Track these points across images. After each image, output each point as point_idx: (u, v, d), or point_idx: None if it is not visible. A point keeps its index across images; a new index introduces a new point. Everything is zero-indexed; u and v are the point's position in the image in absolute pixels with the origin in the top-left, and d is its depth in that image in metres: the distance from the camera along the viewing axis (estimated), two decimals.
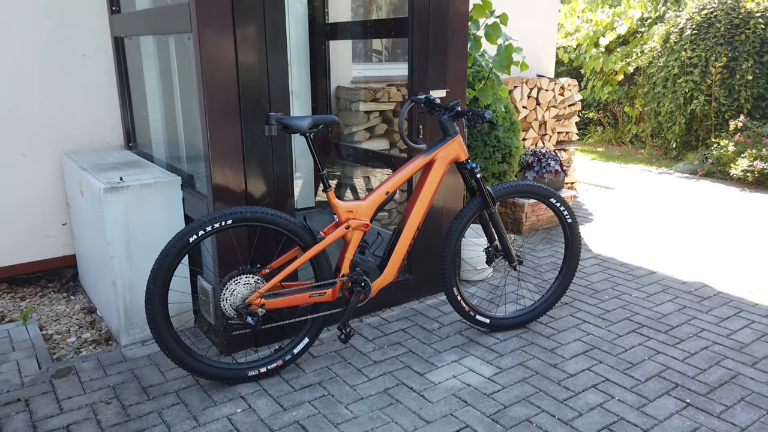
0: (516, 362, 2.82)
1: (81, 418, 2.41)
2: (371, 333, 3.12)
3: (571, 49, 9.46)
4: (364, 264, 2.73)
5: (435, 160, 2.78)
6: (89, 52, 3.68)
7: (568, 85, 5.80)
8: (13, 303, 3.58)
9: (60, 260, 3.84)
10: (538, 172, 4.73)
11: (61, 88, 3.62)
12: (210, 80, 2.56)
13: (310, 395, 2.57)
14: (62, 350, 3.04)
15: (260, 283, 2.56)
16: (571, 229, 3.11)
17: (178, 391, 2.60)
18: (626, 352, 2.92)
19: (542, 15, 5.75)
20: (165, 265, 2.41)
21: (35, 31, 3.48)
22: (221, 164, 2.66)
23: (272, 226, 2.54)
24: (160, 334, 2.46)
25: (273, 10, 2.64)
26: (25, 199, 3.64)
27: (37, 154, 3.62)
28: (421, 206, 2.79)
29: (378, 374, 2.73)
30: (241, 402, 2.52)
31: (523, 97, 5.37)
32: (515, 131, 4.06)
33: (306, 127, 2.51)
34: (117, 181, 2.92)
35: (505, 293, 3.61)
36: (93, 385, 2.66)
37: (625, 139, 9.27)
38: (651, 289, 3.67)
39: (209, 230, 2.44)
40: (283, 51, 2.71)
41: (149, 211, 2.95)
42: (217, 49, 2.54)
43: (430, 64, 3.19)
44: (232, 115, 2.64)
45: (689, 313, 3.33)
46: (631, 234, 4.76)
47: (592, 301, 3.50)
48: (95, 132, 3.79)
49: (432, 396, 2.56)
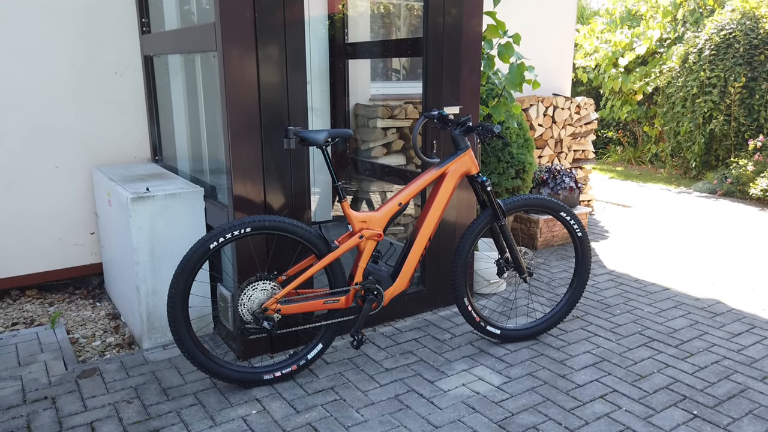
0: (525, 372, 2.88)
1: (104, 416, 2.52)
2: (384, 342, 3.19)
3: (590, 69, 9.53)
4: (376, 273, 2.82)
5: (447, 173, 2.87)
6: (120, 70, 3.86)
7: (584, 104, 5.87)
8: (42, 308, 3.73)
9: (87, 268, 3.99)
10: (553, 189, 4.79)
11: (92, 103, 3.80)
12: (233, 96, 2.70)
13: (323, 399, 2.65)
14: (87, 353, 3.17)
15: (276, 289, 2.66)
16: (582, 243, 3.16)
17: (197, 393, 2.70)
18: (636, 364, 2.95)
19: (559, 35, 5.85)
20: (187, 270, 2.52)
21: (70, 50, 3.68)
22: (242, 176, 2.79)
23: (289, 234, 2.65)
24: (181, 337, 2.57)
25: (294, 31, 2.78)
26: (56, 208, 3.81)
27: (68, 166, 3.80)
28: (433, 218, 2.88)
29: (389, 381, 2.80)
30: (256, 404, 2.61)
31: (539, 115, 5.46)
32: (529, 148, 4.14)
33: (322, 140, 2.63)
34: (144, 191, 3.06)
35: (517, 306, 3.66)
36: (116, 385, 2.77)
37: (644, 159, 9.27)
38: (663, 304, 3.69)
39: (229, 237, 2.56)
40: (302, 69, 2.84)
41: (173, 219, 3.08)
42: (240, 67, 2.68)
43: (444, 81, 3.30)
44: (253, 129, 2.77)
45: (701, 329, 3.35)
46: (646, 251, 4.78)
47: (604, 315, 3.53)
48: (124, 146, 3.96)
49: (441, 402, 2.62)
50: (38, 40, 3.59)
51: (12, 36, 3.52)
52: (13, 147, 3.62)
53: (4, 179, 3.64)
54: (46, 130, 3.70)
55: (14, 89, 3.57)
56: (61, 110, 3.73)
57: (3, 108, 3.56)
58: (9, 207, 3.67)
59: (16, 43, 3.54)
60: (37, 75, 3.62)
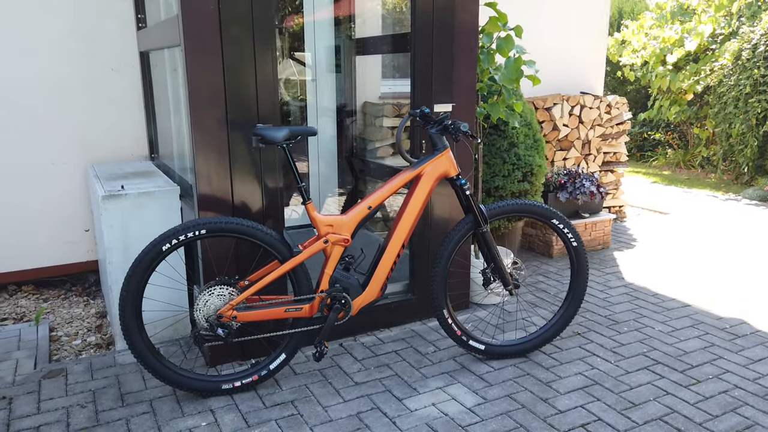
0: (504, 393, 2.63)
1: (53, 420, 2.45)
2: (362, 353, 3.01)
3: (637, 67, 9.02)
4: (344, 280, 2.64)
5: (422, 175, 2.66)
6: (117, 66, 3.83)
7: (615, 103, 5.49)
8: (35, 304, 3.74)
9: (83, 265, 3.99)
10: (572, 194, 4.47)
11: (89, 101, 3.79)
12: (196, 91, 2.58)
13: (279, 413, 2.49)
14: (65, 352, 3.13)
15: (235, 295, 2.53)
16: (577, 253, 2.89)
17: (153, 400, 2.60)
18: (631, 390, 2.66)
19: (590, 31, 5.49)
20: (138, 274, 2.42)
21: (66, 47, 3.67)
22: (207, 174, 2.67)
23: (248, 237, 2.51)
24: (133, 341, 2.47)
25: (262, 23, 2.64)
26: (52, 205, 3.82)
27: (64, 163, 3.79)
28: (406, 223, 2.67)
29: (355, 396, 2.62)
30: (208, 415, 2.48)
31: (563, 114, 5.13)
32: (538, 149, 3.86)
33: (281, 139, 2.48)
34: (117, 189, 2.99)
35: (517, 319, 3.40)
36: (76, 388, 2.71)
37: (694, 163, 8.69)
38: (679, 323, 3.35)
39: (183, 239, 2.44)
40: (271, 63, 2.69)
41: (147, 219, 3.00)
42: (203, 62, 2.56)
43: (434, 77, 3.09)
44: (219, 127, 2.65)
45: (715, 352, 3.00)
46: (673, 263, 4.40)
47: (608, 332, 3.23)
48: (120, 143, 3.94)
49: (403, 423, 2.42)
50: (35, 36, 3.60)
51: (9, 32, 3.53)
52: (9, 143, 3.64)
53: (7, 173, 3.66)
54: (42, 127, 3.71)
55: (10, 85, 3.59)
56: (58, 107, 3.72)
57: (6, 107, 3.58)
58: (6, 203, 3.70)
59: (12, 39, 3.55)
60: (33, 72, 3.63)
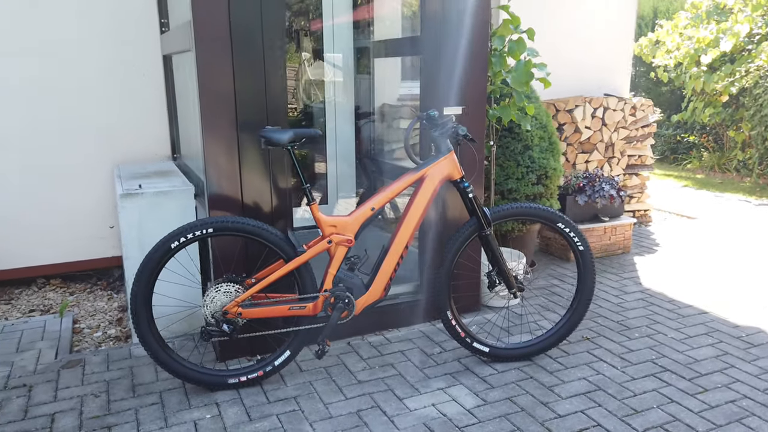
0: (504, 396, 2.64)
1: (68, 408, 2.57)
2: (368, 352, 3.06)
3: (670, 68, 8.82)
4: (347, 280, 2.69)
5: (425, 178, 2.69)
6: (143, 70, 3.97)
7: (641, 105, 5.41)
8: (62, 297, 3.91)
9: (108, 260, 4.14)
10: (590, 197, 4.43)
11: (118, 103, 3.94)
12: (207, 95, 2.66)
13: (281, 409, 2.56)
14: (86, 343, 3.26)
15: (241, 292, 2.60)
16: (583, 258, 2.87)
17: (163, 392, 2.69)
18: (634, 397, 2.63)
19: (615, 32, 5.41)
20: (148, 269, 2.52)
21: (95, 52, 3.82)
22: (217, 175, 2.75)
23: (253, 236, 2.59)
24: (143, 335, 2.57)
25: (272, 29, 2.70)
26: (80, 203, 3.98)
27: (92, 162, 3.95)
28: (410, 224, 2.71)
29: (356, 394, 2.66)
30: (213, 408, 2.56)
31: (585, 116, 5.08)
32: (553, 152, 3.84)
33: (286, 141, 2.54)
34: (135, 188, 3.11)
35: (523, 323, 3.39)
36: (92, 378, 2.82)
37: (729, 166, 8.46)
38: (693, 330, 3.29)
39: (190, 237, 2.53)
40: (280, 67, 2.76)
41: (162, 217, 3.10)
42: (214, 66, 2.64)
43: (443, 80, 3.11)
44: (229, 129, 2.73)
45: (727, 361, 2.94)
46: (694, 269, 4.31)
47: (618, 338, 3.20)
48: (146, 144, 4.07)
49: (401, 422, 2.45)
50: (69, 43, 3.75)
51: (48, 39, 3.70)
52: (41, 143, 3.81)
53: (36, 174, 3.84)
54: (72, 128, 3.87)
55: (44, 87, 3.76)
56: (86, 109, 3.88)
57: (37, 107, 3.76)
58: (37, 200, 3.87)
59: (51, 46, 3.72)
60: (66, 75, 3.79)
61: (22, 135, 3.76)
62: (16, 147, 3.77)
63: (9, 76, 3.68)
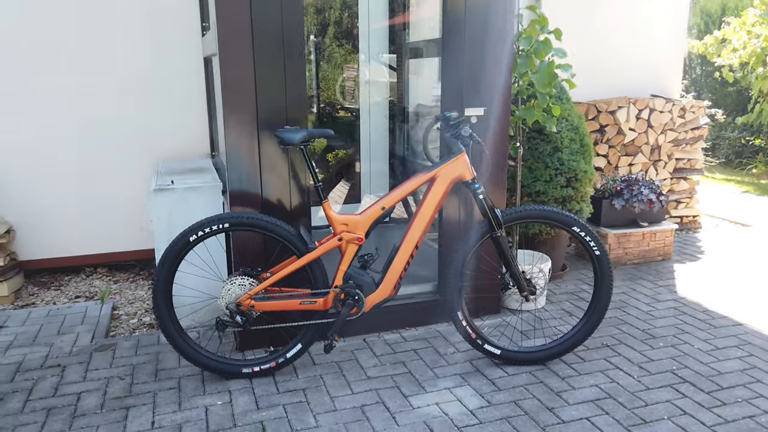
0: (510, 399, 2.63)
1: (93, 388, 2.75)
2: (382, 349, 3.10)
3: (736, 68, 8.39)
4: (358, 277, 2.75)
5: (436, 178, 2.71)
6: (185, 71, 4.17)
7: (690, 107, 5.20)
8: (107, 284, 4.15)
9: (150, 252, 4.36)
10: (628, 201, 4.30)
11: (160, 103, 4.15)
12: (230, 96, 2.78)
13: (289, 399, 2.64)
14: (121, 329, 3.46)
15: (255, 285, 2.70)
16: (600, 263, 2.81)
17: (182, 377, 2.83)
18: (645, 407, 2.56)
19: (663, 30, 5.22)
20: (168, 261, 2.66)
21: (139, 54, 4.05)
22: (238, 172, 2.87)
23: (267, 232, 2.68)
24: (163, 322, 2.71)
25: (292, 32, 2.79)
26: (125, 196, 4.22)
27: (136, 158, 4.18)
28: (420, 224, 2.73)
29: (364, 390, 2.72)
30: (226, 395, 2.68)
31: (629, 118, 4.93)
32: (584, 154, 3.76)
33: (298, 140, 2.62)
34: (167, 183, 3.28)
35: (538, 327, 3.35)
36: (120, 361, 3.00)
37: None
38: (723, 342, 3.16)
39: (208, 231, 2.65)
40: (300, 68, 2.84)
41: (191, 211, 3.25)
42: (236, 67, 2.76)
43: (465, 80, 3.11)
44: (250, 128, 2.84)
45: (754, 375, 2.81)
46: (737, 279, 4.11)
47: (640, 347, 3.11)
48: (188, 142, 4.27)
49: (402, 419, 2.49)
50: (115, 49, 3.99)
51: (96, 46, 3.96)
52: (93, 142, 4.07)
53: (88, 170, 4.10)
54: (118, 126, 4.11)
55: (96, 92, 4.01)
56: (132, 108, 4.11)
57: (88, 108, 4.02)
58: (88, 194, 4.13)
59: (99, 52, 3.98)
60: (113, 78, 4.03)
61: (78, 135, 4.04)
62: (73, 146, 4.04)
63: (67, 82, 3.95)
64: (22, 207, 4.05)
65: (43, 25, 3.85)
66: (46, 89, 3.93)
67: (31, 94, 3.92)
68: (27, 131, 3.96)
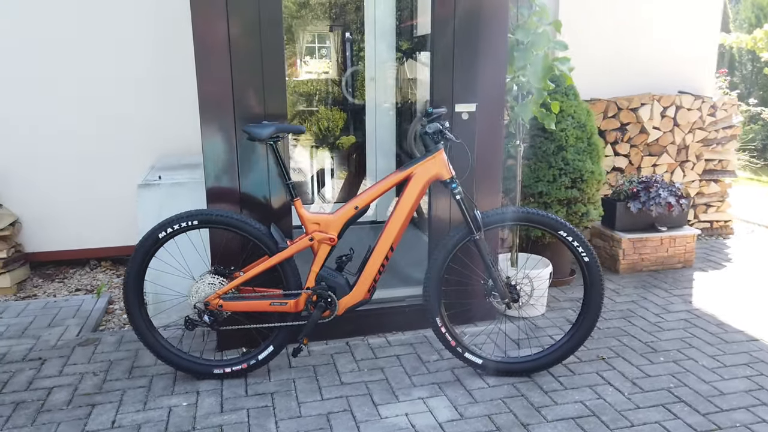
0: (484, 413, 2.47)
1: (66, 383, 2.74)
2: (363, 354, 2.99)
3: None
4: (330, 279, 2.64)
5: (411, 177, 2.58)
6: (188, 68, 4.14)
7: (722, 105, 4.87)
8: (110, 278, 4.18)
9: None
10: (644, 204, 4.04)
11: (163, 100, 4.16)
12: (205, 90, 2.72)
13: (254, 403, 2.56)
14: (112, 324, 3.47)
15: (225, 284, 2.64)
16: (590, 270, 2.62)
17: (154, 376, 2.80)
18: (630, 428, 2.36)
19: (694, 21, 4.90)
20: (138, 258, 2.63)
21: (149, 54, 4.07)
22: (214, 168, 2.81)
23: (236, 230, 2.61)
24: (134, 319, 2.68)
25: (269, 25, 2.71)
26: (128, 191, 4.23)
27: (139, 154, 4.19)
28: (394, 225, 2.61)
29: (334, 396, 2.61)
30: (193, 396, 2.62)
31: (653, 116, 4.66)
32: (591, 153, 3.54)
33: (266, 136, 2.53)
34: (155, 179, 3.25)
35: (530, 337, 3.17)
36: (99, 357, 2.99)
37: None
38: (731, 359, 2.91)
39: (177, 228, 2.60)
40: (279, 62, 2.76)
41: (178, 206, 3.17)
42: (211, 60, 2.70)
43: (455, 75, 2.97)
44: (227, 124, 2.77)
45: (760, 397, 2.57)
46: (763, 291, 3.81)
47: (639, 361, 2.89)
48: (189, 138, 4.25)
49: (366, 430, 2.37)
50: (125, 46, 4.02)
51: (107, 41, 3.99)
52: (95, 135, 4.11)
53: (90, 164, 4.15)
54: (120, 122, 4.13)
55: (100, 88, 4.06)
56: (136, 106, 4.13)
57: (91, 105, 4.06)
58: (92, 189, 4.18)
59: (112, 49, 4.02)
60: (118, 73, 4.06)
61: (87, 131, 4.09)
62: (73, 141, 4.09)
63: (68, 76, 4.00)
64: (29, 200, 4.12)
65: (43, 25, 3.91)
66: (53, 86, 3.99)
67: (38, 89, 3.98)
68: (35, 126, 4.03)
